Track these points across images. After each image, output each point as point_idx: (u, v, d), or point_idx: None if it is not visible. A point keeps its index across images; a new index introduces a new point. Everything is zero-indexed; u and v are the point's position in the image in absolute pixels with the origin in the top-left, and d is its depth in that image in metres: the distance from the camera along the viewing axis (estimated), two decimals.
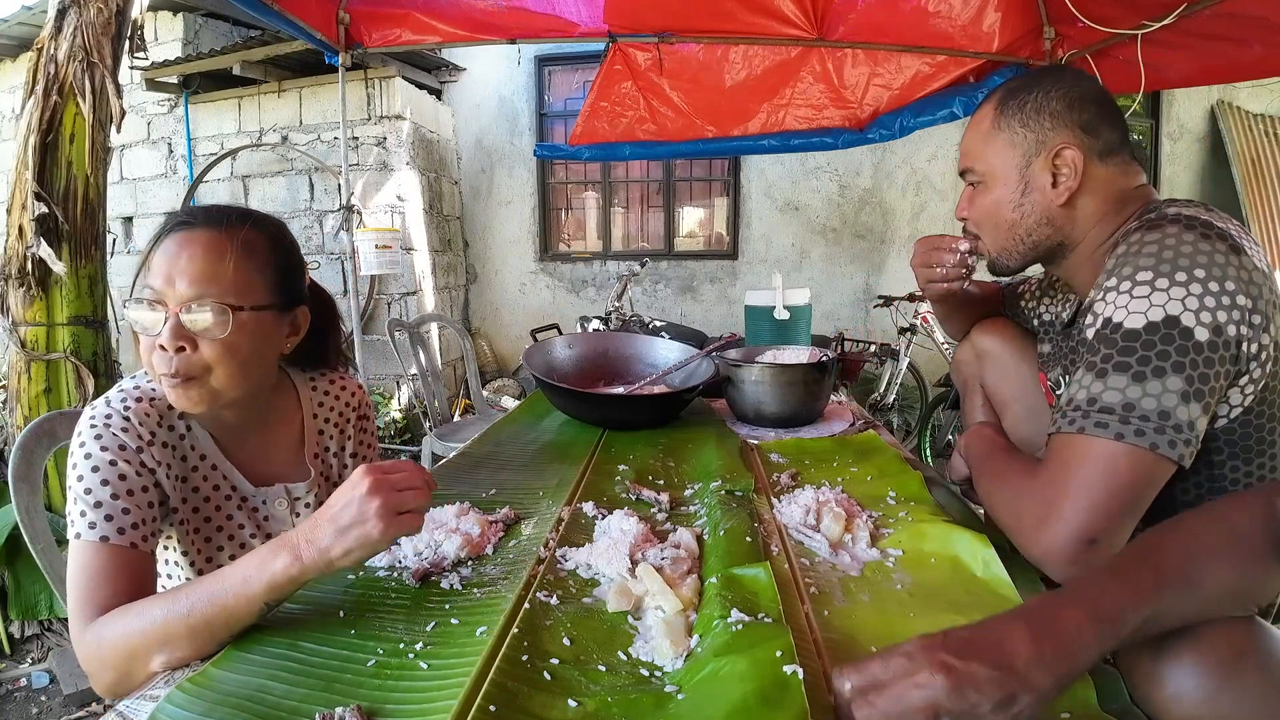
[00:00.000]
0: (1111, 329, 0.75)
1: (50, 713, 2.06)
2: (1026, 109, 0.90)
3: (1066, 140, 0.88)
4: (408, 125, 4.45)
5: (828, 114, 3.13)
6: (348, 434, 1.10)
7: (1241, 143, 5.16)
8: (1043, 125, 0.89)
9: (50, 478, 2.40)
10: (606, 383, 1.65)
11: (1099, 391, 0.74)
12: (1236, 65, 2.35)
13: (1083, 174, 0.87)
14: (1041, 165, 0.89)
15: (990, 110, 0.94)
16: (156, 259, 0.84)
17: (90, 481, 0.79)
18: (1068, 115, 0.88)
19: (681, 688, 0.58)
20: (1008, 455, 0.90)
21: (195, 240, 0.85)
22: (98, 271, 2.48)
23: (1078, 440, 0.74)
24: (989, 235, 0.98)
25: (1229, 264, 0.73)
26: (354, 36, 2.75)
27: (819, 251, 5.27)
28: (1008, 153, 0.92)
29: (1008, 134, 0.92)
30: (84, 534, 0.77)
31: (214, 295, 0.83)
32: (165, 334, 0.81)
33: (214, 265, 0.84)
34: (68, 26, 2.27)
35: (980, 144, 0.95)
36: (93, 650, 0.71)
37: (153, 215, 4.86)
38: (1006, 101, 0.92)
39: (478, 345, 5.39)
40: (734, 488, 1.02)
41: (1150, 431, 0.71)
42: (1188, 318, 0.72)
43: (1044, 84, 0.91)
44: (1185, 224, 0.76)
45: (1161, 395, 0.71)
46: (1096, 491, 0.71)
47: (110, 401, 0.86)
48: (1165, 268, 0.74)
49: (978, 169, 0.96)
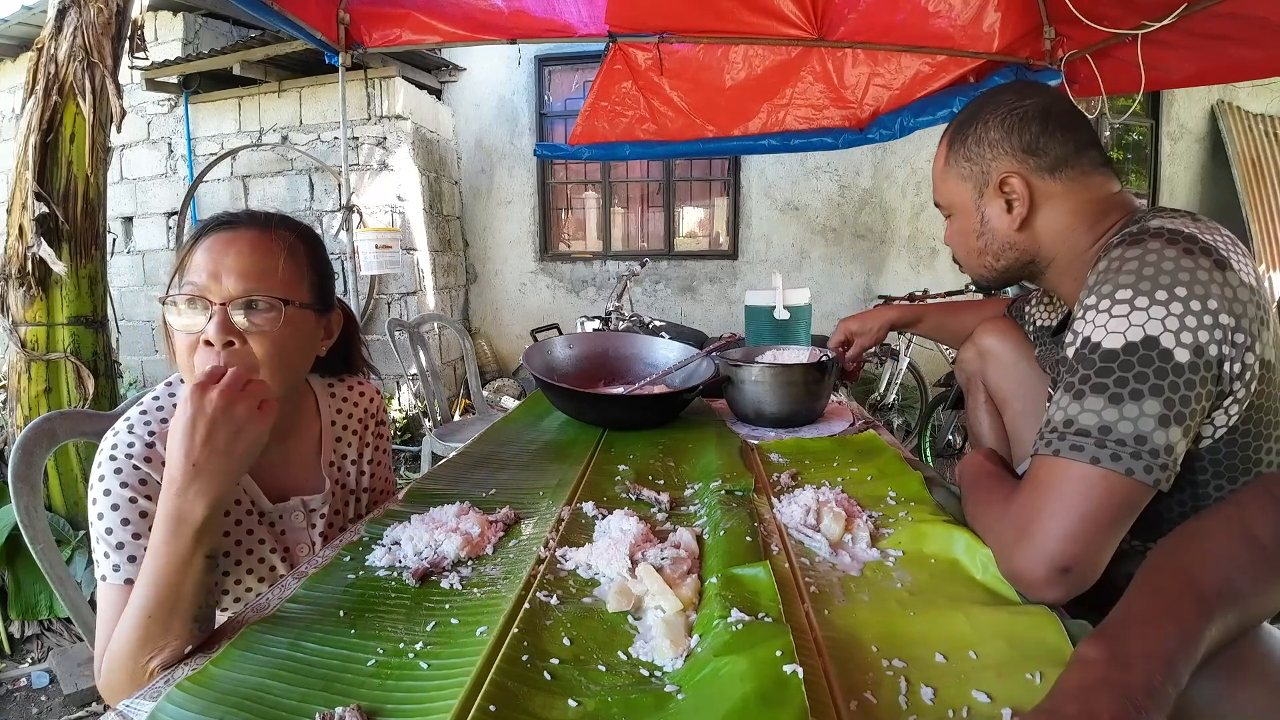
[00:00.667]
0: (1090, 349, 0.74)
1: (50, 713, 2.06)
2: (969, 143, 0.93)
3: (1008, 169, 0.90)
4: (408, 125, 4.46)
5: (828, 114, 3.13)
6: (366, 440, 1.10)
7: (1241, 143, 5.16)
8: (984, 157, 0.92)
9: (50, 478, 2.40)
10: (606, 383, 1.65)
11: (1075, 413, 0.72)
12: (1236, 65, 2.35)
13: (1033, 195, 0.89)
14: (991, 195, 0.92)
15: (944, 148, 0.98)
16: (198, 257, 0.83)
17: (111, 521, 0.79)
18: (1006, 142, 0.90)
19: (681, 688, 0.58)
20: (993, 479, 0.89)
21: (242, 238, 0.84)
22: (98, 271, 2.48)
23: (1054, 463, 0.72)
24: (963, 260, 1.03)
25: (1212, 281, 0.72)
26: (354, 36, 2.75)
27: (819, 251, 5.27)
28: (961, 187, 0.96)
29: (956, 170, 0.95)
30: (109, 577, 0.78)
31: (264, 290, 0.83)
32: (212, 329, 0.79)
33: (263, 262, 0.84)
34: (68, 26, 2.27)
35: (939, 180, 1.00)
36: (108, 683, 0.71)
37: (153, 215, 4.86)
38: (954, 138, 0.96)
39: (478, 345, 5.39)
40: (734, 488, 1.02)
41: (1126, 456, 0.69)
42: (1167, 338, 0.70)
43: (983, 114, 0.92)
44: (1168, 239, 0.75)
45: (1139, 419, 0.69)
46: (1070, 517, 0.70)
47: (133, 428, 0.84)
48: (1145, 285, 0.72)
49: (942, 203, 1.01)
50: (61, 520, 2.36)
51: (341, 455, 1.07)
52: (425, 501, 0.98)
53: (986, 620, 0.67)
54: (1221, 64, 2.38)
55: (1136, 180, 5.56)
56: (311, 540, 0.99)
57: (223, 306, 0.80)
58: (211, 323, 0.79)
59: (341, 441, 1.07)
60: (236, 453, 0.69)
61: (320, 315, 0.93)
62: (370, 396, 1.11)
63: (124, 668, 0.68)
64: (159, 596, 0.67)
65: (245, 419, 0.69)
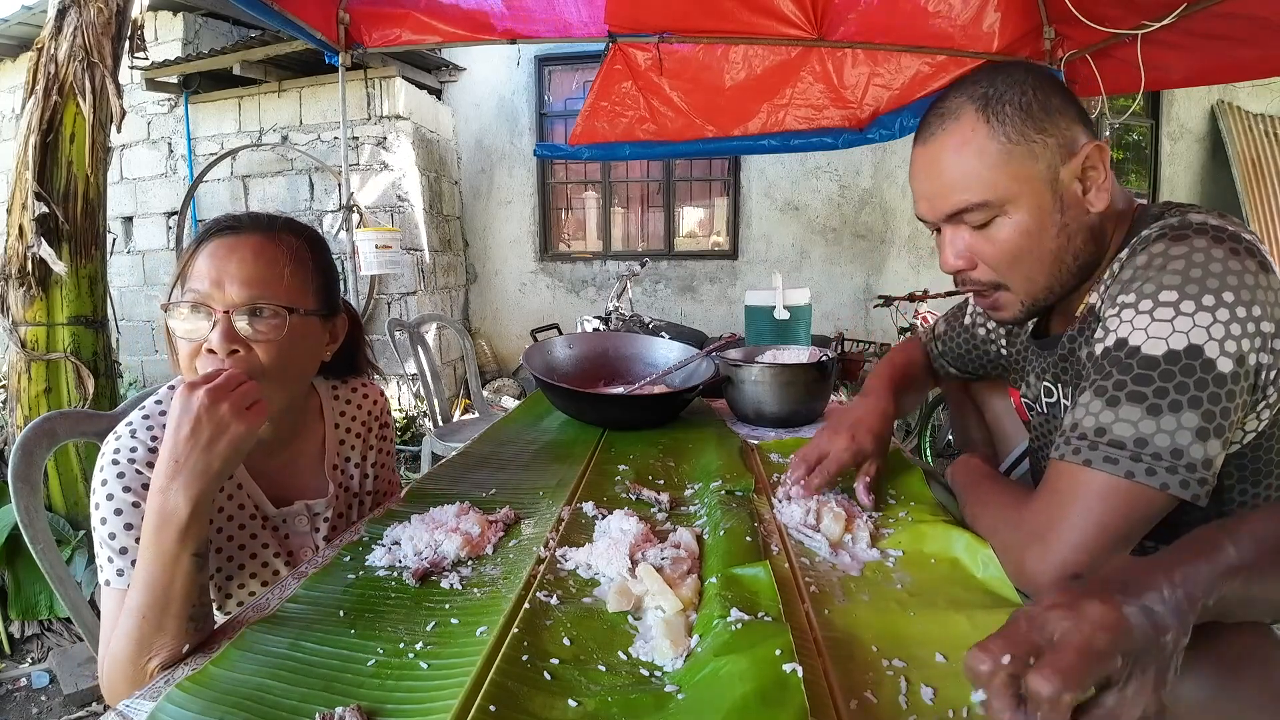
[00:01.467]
0: (1127, 353, 0.69)
1: (50, 713, 2.06)
2: (1034, 112, 0.75)
3: (1082, 136, 0.76)
4: (408, 125, 4.46)
5: (828, 114, 3.13)
6: (370, 443, 1.09)
7: (1241, 143, 5.16)
8: (1058, 125, 0.75)
9: (50, 478, 2.40)
10: (606, 383, 1.65)
11: (1109, 422, 0.68)
12: (1236, 65, 2.35)
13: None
14: (1071, 172, 0.76)
15: (975, 124, 0.76)
16: (201, 263, 0.82)
17: (114, 526, 0.79)
18: (1068, 108, 0.76)
19: (681, 687, 0.58)
20: (995, 481, 0.88)
21: (245, 244, 0.83)
22: (98, 271, 2.48)
23: (1082, 472, 0.69)
24: (1024, 275, 0.80)
25: (1258, 285, 0.67)
26: (354, 36, 2.75)
27: (819, 251, 5.27)
28: (1030, 170, 0.75)
29: (1023, 148, 0.75)
30: (113, 581, 0.77)
31: (268, 298, 0.82)
32: (216, 337, 0.79)
33: (266, 269, 0.83)
34: (68, 26, 2.27)
35: (984, 167, 0.76)
36: (109, 685, 0.71)
37: (153, 215, 4.86)
38: (995, 108, 0.76)
39: (478, 345, 5.39)
40: (734, 488, 1.02)
41: (1162, 470, 0.66)
42: (1211, 348, 0.66)
43: (1019, 78, 0.76)
44: (1213, 236, 0.69)
45: (1176, 432, 0.66)
46: (1091, 527, 0.67)
47: (135, 432, 0.84)
48: (1192, 289, 0.67)
49: (991, 199, 0.76)
50: (61, 520, 2.36)
51: (345, 459, 1.06)
52: (425, 501, 0.98)
53: (987, 620, 0.67)
54: (1221, 64, 2.38)
55: (1136, 180, 5.57)
56: (315, 544, 0.99)
57: (226, 314, 0.80)
58: (215, 331, 0.79)
59: (345, 444, 1.06)
60: (219, 451, 0.69)
61: (325, 320, 0.92)
62: (374, 399, 1.11)
63: (123, 669, 0.68)
64: (150, 596, 0.67)
65: (230, 417, 0.69)
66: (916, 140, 0.83)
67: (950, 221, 0.80)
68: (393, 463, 1.16)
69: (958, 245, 0.81)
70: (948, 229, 0.81)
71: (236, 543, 0.92)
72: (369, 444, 1.09)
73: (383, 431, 1.12)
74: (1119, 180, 0.86)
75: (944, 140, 0.78)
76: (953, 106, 0.78)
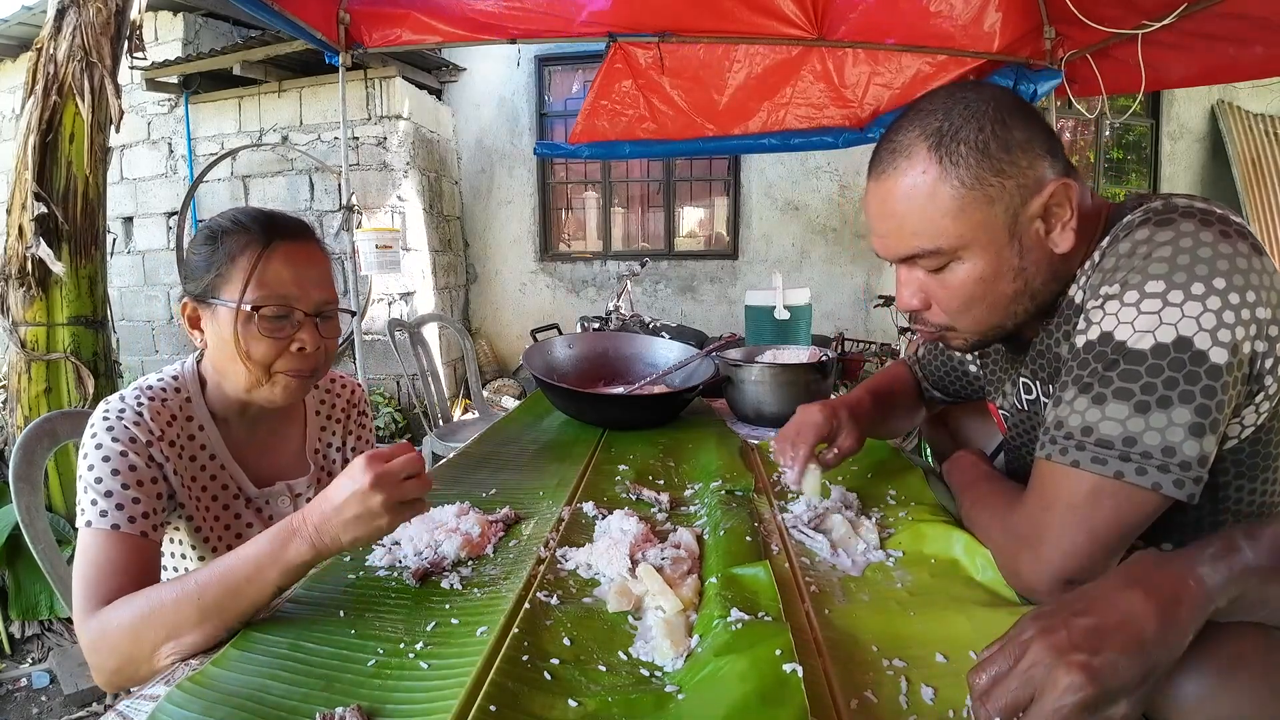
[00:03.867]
0: (1113, 348, 0.65)
1: (50, 713, 2.06)
2: (992, 151, 0.69)
3: (1053, 174, 0.71)
4: (408, 125, 4.45)
5: (828, 113, 3.13)
6: (349, 429, 1.16)
7: (1241, 143, 5.16)
8: (1019, 164, 0.70)
9: (50, 478, 2.40)
10: (606, 383, 1.65)
11: (1095, 420, 0.65)
12: (1236, 65, 2.35)
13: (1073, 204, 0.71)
14: (1033, 213, 0.71)
15: (927, 165, 0.71)
16: (278, 268, 0.88)
17: (101, 471, 0.80)
18: (1032, 142, 0.70)
19: (681, 687, 0.58)
20: (991, 480, 0.86)
21: (313, 251, 0.93)
22: (98, 271, 2.48)
23: (1070, 473, 0.66)
24: (974, 317, 0.77)
25: (1251, 269, 0.63)
26: (354, 36, 2.75)
27: (819, 251, 5.27)
28: (987, 214, 0.70)
29: (979, 191, 0.70)
30: (95, 522, 0.78)
31: (334, 302, 0.93)
32: (309, 336, 0.90)
33: (329, 273, 0.95)
34: (67, 26, 2.27)
35: (936, 213, 0.71)
36: (97, 637, 0.71)
37: (153, 215, 4.86)
38: (949, 148, 0.70)
39: (478, 345, 5.39)
40: (734, 488, 1.02)
41: (1153, 469, 0.63)
42: (1202, 339, 0.62)
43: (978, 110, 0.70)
44: (1201, 219, 0.65)
45: (1167, 429, 0.62)
46: (1082, 532, 0.65)
47: (124, 397, 0.88)
48: (1180, 277, 0.63)
49: (944, 246, 0.72)
50: (62, 520, 2.36)
51: (326, 444, 1.12)
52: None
53: (987, 620, 0.67)
54: (1221, 64, 2.38)
55: (1136, 180, 5.56)
56: None
57: (311, 317, 0.91)
58: (304, 332, 0.90)
59: (326, 430, 1.12)
60: (357, 537, 0.70)
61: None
62: (351, 389, 1.17)
63: (135, 636, 0.67)
64: (219, 594, 0.67)
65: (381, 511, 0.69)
66: (870, 172, 0.78)
67: (905, 263, 0.78)
68: (370, 449, 1.18)
69: (913, 285, 0.79)
70: (902, 269, 0.79)
71: (223, 523, 0.95)
72: (348, 429, 1.15)
73: (360, 419, 1.17)
74: (1119, 181, 0.84)
75: (896, 179, 0.73)
76: (905, 143, 0.73)
